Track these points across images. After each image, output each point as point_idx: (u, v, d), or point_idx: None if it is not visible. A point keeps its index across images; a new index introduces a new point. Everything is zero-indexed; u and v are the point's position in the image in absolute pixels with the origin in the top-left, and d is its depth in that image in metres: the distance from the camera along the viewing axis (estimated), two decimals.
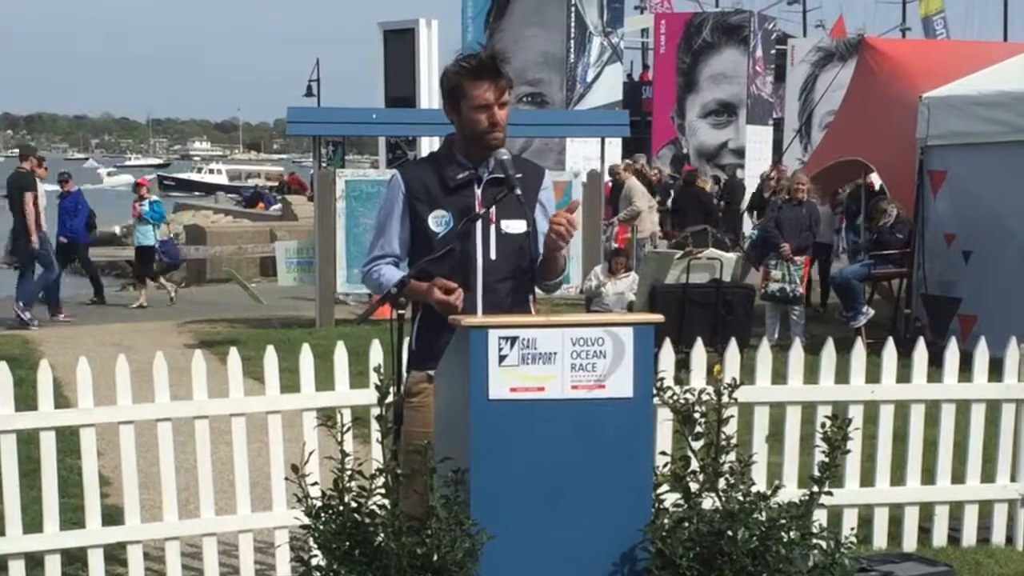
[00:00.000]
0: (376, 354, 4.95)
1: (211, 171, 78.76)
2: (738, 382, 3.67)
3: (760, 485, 3.60)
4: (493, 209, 3.72)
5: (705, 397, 3.59)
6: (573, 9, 22.27)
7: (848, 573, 3.47)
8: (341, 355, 5.21)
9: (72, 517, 5.25)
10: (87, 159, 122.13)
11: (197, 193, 70.61)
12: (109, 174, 60.45)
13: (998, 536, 5.60)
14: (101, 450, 5.27)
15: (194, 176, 78.48)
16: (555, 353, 3.31)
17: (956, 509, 5.63)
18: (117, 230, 32.61)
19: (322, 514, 3.33)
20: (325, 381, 5.23)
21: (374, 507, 3.31)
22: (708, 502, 3.51)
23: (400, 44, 18.77)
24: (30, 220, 13.28)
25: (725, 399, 3.56)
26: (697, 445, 3.56)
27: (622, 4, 24.75)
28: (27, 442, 5.04)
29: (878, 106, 12.11)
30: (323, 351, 5.39)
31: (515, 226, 3.77)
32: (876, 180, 14.60)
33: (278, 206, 34.11)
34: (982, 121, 10.48)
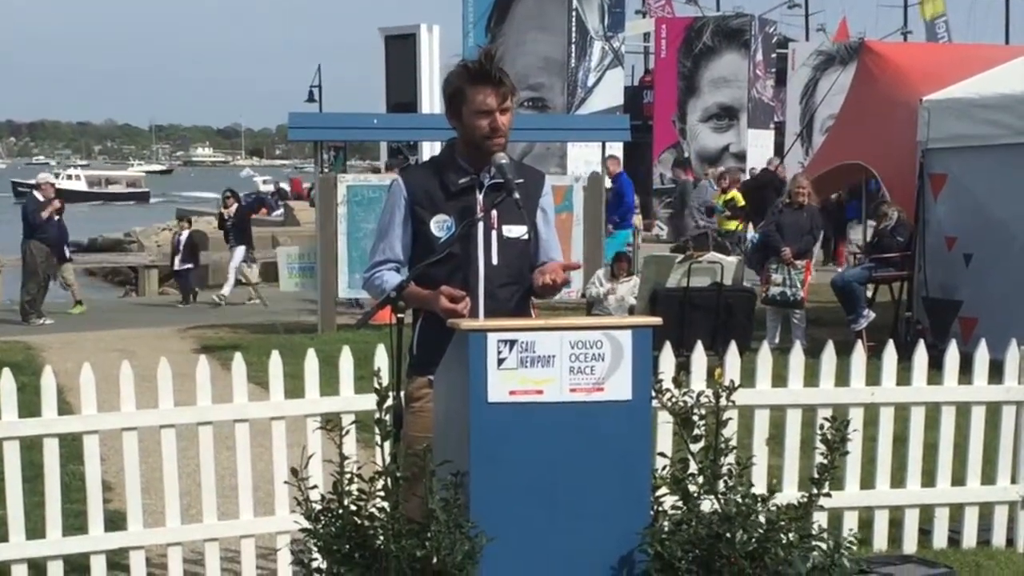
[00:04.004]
0: (381, 359, 4.96)
1: (69, 177, 74.17)
2: (736, 385, 3.68)
3: (760, 488, 3.60)
4: (495, 214, 3.73)
5: (704, 400, 3.60)
6: (574, 14, 22.29)
7: (847, 575, 3.48)
8: (346, 360, 5.20)
9: (75, 523, 5.26)
10: (98, 167, 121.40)
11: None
12: (264, 182, 62.59)
13: (998, 538, 5.61)
14: (103, 455, 5.28)
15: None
16: (553, 356, 3.32)
17: (956, 511, 5.63)
18: (120, 236, 32.71)
19: (322, 517, 3.35)
20: (327, 386, 5.24)
21: (374, 510, 3.32)
22: (707, 505, 3.52)
23: (401, 50, 18.85)
24: None
25: (723, 401, 3.57)
26: (696, 448, 3.57)
27: (623, 8, 24.75)
28: (30, 448, 5.05)
29: (878, 109, 12.11)
30: (325, 356, 5.40)
31: (516, 231, 3.78)
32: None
33: (280, 211, 34.24)
34: (983, 124, 10.49)
